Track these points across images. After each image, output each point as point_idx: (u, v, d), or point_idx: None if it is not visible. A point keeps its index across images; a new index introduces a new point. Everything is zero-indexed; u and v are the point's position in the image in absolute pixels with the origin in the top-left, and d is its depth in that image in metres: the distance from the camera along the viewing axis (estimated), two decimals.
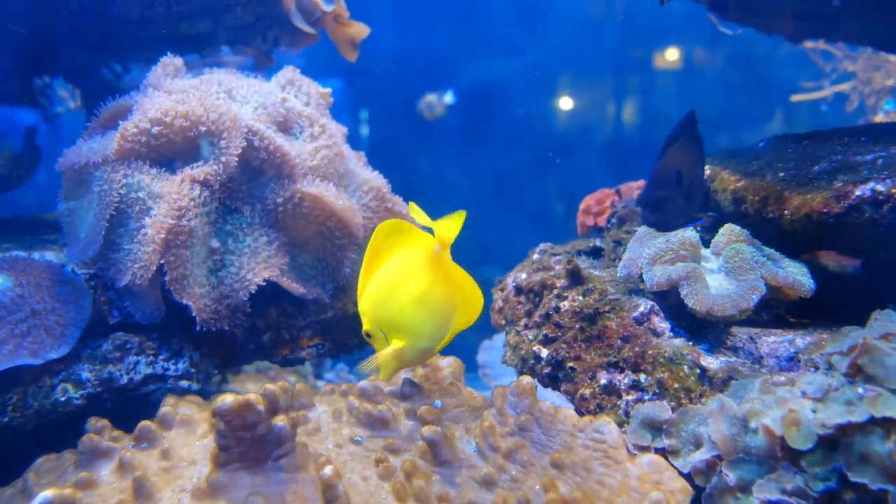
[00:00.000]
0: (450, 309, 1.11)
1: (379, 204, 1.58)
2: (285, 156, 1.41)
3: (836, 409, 0.94)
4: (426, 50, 4.23)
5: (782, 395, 1.00)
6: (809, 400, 0.97)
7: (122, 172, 1.34)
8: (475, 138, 4.30)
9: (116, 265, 1.36)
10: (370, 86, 4.01)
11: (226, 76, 1.56)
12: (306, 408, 1.28)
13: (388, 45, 3.96)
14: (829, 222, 1.17)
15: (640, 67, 4.31)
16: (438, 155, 4.31)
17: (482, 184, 4.33)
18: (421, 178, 4.20)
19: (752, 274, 1.16)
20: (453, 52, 4.29)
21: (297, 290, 1.40)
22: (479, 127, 4.32)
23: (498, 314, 1.51)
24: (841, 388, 0.96)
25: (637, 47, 4.26)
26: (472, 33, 4.34)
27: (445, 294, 1.10)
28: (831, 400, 0.96)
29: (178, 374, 1.41)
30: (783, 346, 1.12)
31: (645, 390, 1.12)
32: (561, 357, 1.22)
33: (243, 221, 1.40)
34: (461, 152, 4.33)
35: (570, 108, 4.34)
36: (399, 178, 1.66)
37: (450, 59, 4.28)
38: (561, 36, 4.26)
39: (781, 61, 3.91)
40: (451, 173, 4.30)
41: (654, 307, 1.20)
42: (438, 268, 1.10)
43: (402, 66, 4.02)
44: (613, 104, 4.30)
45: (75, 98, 2.59)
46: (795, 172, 1.28)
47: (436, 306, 1.11)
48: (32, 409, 1.29)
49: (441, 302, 1.10)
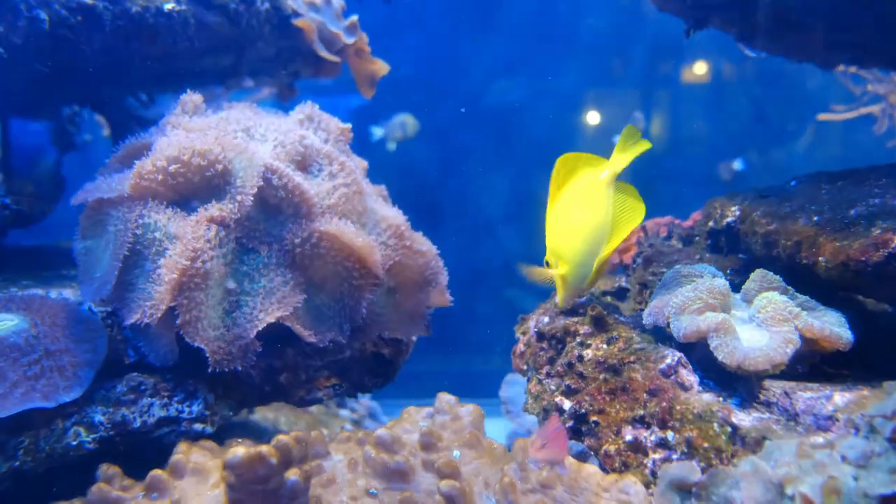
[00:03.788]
0: (600, 235, 1.26)
1: (398, 242, 1.55)
2: (304, 194, 1.39)
3: (879, 477, 0.88)
4: (450, 69, 4.23)
5: (821, 459, 0.94)
6: (850, 466, 0.91)
7: (138, 212, 1.32)
8: (500, 159, 4.27)
9: (129, 304, 1.34)
10: (394, 103, 4.00)
11: (244, 113, 1.55)
12: (321, 457, 1.25)
13: (411, 64, 3.96)
14: (867, 271, 1.11)
15: (666, 84, 4.24)
16: (462, 175, 4.29)
17: (507, 205, 4.29)
18: (445, 198, 4.17)
19: (785, 326, 1.10)
20: (478, 72, 4.28)
21: (307, 337, 1.37)
22: (503, 147, 4.29)
23: (519, 359, 1.46)
24: (885, 455, 0.90)
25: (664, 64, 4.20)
26: (495, 53, 4.33)
27: (602, 218, 1.26)
28: (874, 467, 0.90)
29: (192, 417, 1.39)
30: (820, 403, 1.06)
31: (673, 449, 1.07)
32: (584, 410, 1.17)
33: (260, 262, 1.37)
34: (485, 173, 4.31)
35: (594, 127, 4.29)
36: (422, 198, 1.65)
37: (474, 78, 4.27)
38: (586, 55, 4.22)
39: (812, 73, 3.83)
40: (476, 194, 4.27)
41: (681, 359, 1.15)
42: (602, 192, 1.26)
43: (425, 87, 4.02)
44: (641, 124, 4.24)
45: (103, 126, 2.61)
46: (830, 216, 1.23)
47: (593, 231, 1.26)
48: (44, 453, 1.27)
49: (598, 226, 1.26)
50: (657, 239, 1.88)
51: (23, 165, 2.16)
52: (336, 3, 2.02)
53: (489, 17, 4.23)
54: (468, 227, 4.12)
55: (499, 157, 4.23)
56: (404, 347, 1.70)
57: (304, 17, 1.91)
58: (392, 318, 1.58)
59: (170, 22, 1.66)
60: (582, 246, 1.27)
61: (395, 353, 1.66)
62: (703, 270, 1.29)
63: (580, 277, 1.31)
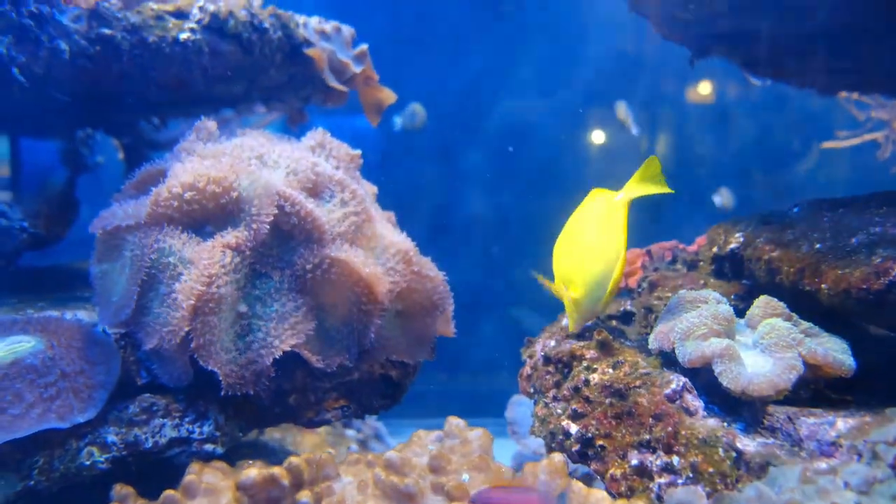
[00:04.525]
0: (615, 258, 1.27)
1: (406, 267, 1.57)
2: (315, 221, 1.42)
3: (881, 503, 0.90)
4: (456, 90, 4.26)
5: (824, 485, 0.96)
6: (853, 492, 0.93)
7: (153, 237, 1.35)
8: (506, 179, 4.29)
9: (145, 328, 1.37)
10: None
11: (257, 140, 1.59)
12: (331, 479, 1.27)
13: (420, 84, 4.00)
14: (868, 299, 1.13)
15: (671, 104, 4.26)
16: (469, 195, 4.31)
17: (512, 225, 4.31)
18: (451, 218, 4.20)
19: (789, 352, 1.12)
20: (485, 93, 4.31)
21: (317, 363, 1.40)
22: (509, 167, 4.32)
23: (526, 381, 1.48)
24: (887, 481, 0.92)
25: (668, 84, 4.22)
26: (502, 74, 4.37)
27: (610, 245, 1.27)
28: (877, 493, 0.92)
29: (202, 438, 1.41)
30: (823, 429, 1.08)
31: (678, 473, 1.08)
32: (591, 434, 1.19)
33: (272, 286, 1.40)
34: (492, 193, 4.33)
35: (600, 148, 4.31)
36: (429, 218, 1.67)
37: (482, 99, 4.30)
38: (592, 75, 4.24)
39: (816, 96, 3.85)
40: (482, 213, 4.29)
41: (686, 384, 1.17)
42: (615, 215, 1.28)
43: (432, 106, 4.05)
44: (646, 144, 4.26)
45: (117, 149, 2.65)
46: (832, 244, 1.25)
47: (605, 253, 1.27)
48: (58, 473, 1.29)
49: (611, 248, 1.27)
50: (662, 263, 1.90)
51: (33, 184, 2.20)
52: (346, 31, 2.07)
53: (497, 38, 4.28)
54: (474, 247, 4.14)
55: (505, 178, 4.26)
56: (411, 369, 1.72)
57: (316, 46, 1.95)
58: (399, 342, 1.60)
59: (185, 51, 1.71)
60: (597, 268, 1.29)
61: (402, 376, 1.68)
62: (708, 296, 1.31)
63: (595, 300, 1.32)
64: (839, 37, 1.79)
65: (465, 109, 4.27)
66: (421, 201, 4.08)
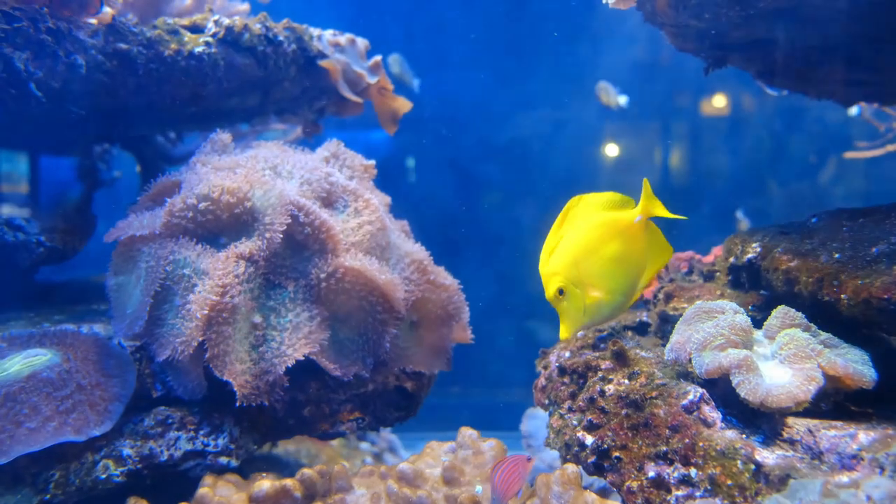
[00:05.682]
0: (641, 268, 1.36)
1: (420, 276, 1.57)
2: (329, 231, 1.42)
3: None
4: (470, 102, 4.28)
5: (846, 499, 0.93)
6: None
7: (168, 248, 1.36)
8: (519, 191, 4.29)
9: (159, 340, 1.37)
10: (415, 137, 4.05)
11: (271, 151, 1.59)
12: (345, 490, 1.26)
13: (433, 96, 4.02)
14: (889, 308, 1.11)
15: (686, 117, 4.25)
16: (482, 207, 4.32)
17: (526, 237, 4.30)
18: (466, 230, 4.20)
19: (808, 363, 1.10)
20: (500, 106, 4.32)
21: (333, 370, 1.39)
22: (523, 179, 4.32)
23: (541, 393, 1.47)
24: None
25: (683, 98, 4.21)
26: (516, 87, 4.38)
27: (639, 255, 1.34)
28: None
29: (217, 451, 1.40)
30: (844, 442, 1.06)
31: (696, 486, 1.07)
32: (606, 445, 1.18)
33: (286, 297, 1.40)
34: (505, 204, 4.33)
35: (614, 160, 4.31)
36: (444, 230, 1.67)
37: (494, 111, 4.31)
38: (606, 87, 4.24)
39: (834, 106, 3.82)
40: (495, 226, 4.29)
41: (703, 395, 1.15)
42: (637, 233, 1.34)
43: (445, 119, 4.06)
44: (660, 154, 4.25)
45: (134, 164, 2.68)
46: (852, 254, 1.23)
47: (631, 265, 1.34)
48: (74, 486, 1.29)
49: (636, 261, 1.34)
50: (678, 274, 1.88)
51: (50, 199, 2.22)
52: (360, 43, 2.08)
53: (511, 52, 4.30)
54: (489, 260, 4.13)
55: (520, 190, 4.26)
56: (426, 381, 1.71)
57: (330, 58, 1.97)
58: (415, 352, 1.60)
59: (200, 64, 1.72)
60: (624, 279, 1.34)
61: (417, 387, 1.67)
62: (725, 306, 1.29)
63: (618, 308, 1.37)
64: (858, 47, 1.77)
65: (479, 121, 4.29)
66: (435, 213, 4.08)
